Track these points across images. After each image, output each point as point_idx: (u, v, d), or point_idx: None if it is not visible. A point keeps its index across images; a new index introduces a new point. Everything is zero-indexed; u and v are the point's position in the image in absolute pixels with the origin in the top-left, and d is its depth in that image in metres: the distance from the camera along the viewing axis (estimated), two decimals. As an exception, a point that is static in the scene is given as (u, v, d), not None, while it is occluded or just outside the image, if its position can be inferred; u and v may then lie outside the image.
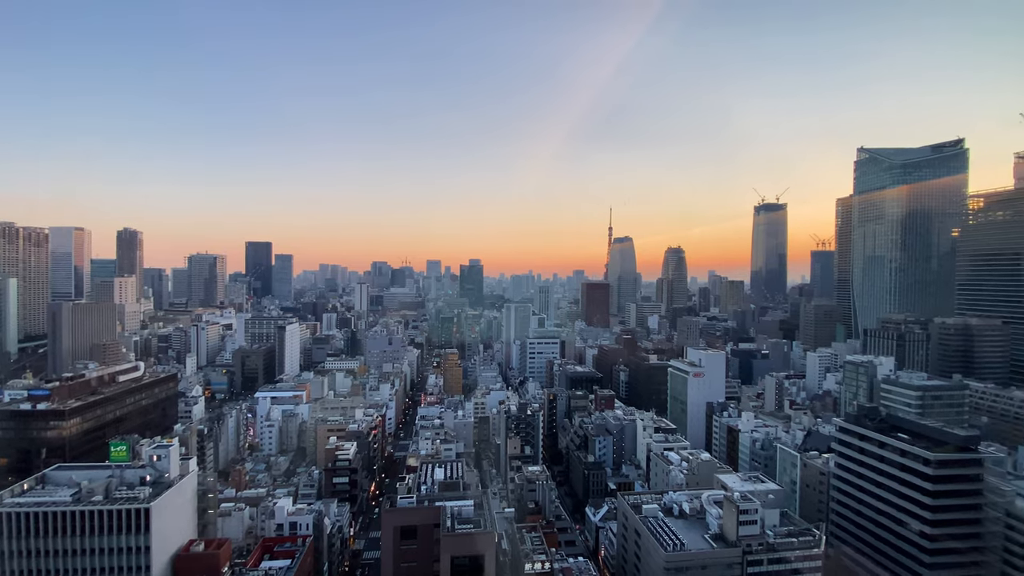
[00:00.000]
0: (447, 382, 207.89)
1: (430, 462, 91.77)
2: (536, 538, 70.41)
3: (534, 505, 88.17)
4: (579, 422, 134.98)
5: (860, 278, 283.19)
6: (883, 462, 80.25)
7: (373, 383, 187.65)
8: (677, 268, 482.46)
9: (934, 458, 73.07)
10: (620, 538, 77.75)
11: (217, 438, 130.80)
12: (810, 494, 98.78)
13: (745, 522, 65.18)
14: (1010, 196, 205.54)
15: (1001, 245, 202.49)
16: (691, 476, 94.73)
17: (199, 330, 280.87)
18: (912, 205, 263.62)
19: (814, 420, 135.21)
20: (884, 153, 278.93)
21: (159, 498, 61.30)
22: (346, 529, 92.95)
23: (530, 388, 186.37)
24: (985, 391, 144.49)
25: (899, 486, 76.97)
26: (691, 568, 63.17)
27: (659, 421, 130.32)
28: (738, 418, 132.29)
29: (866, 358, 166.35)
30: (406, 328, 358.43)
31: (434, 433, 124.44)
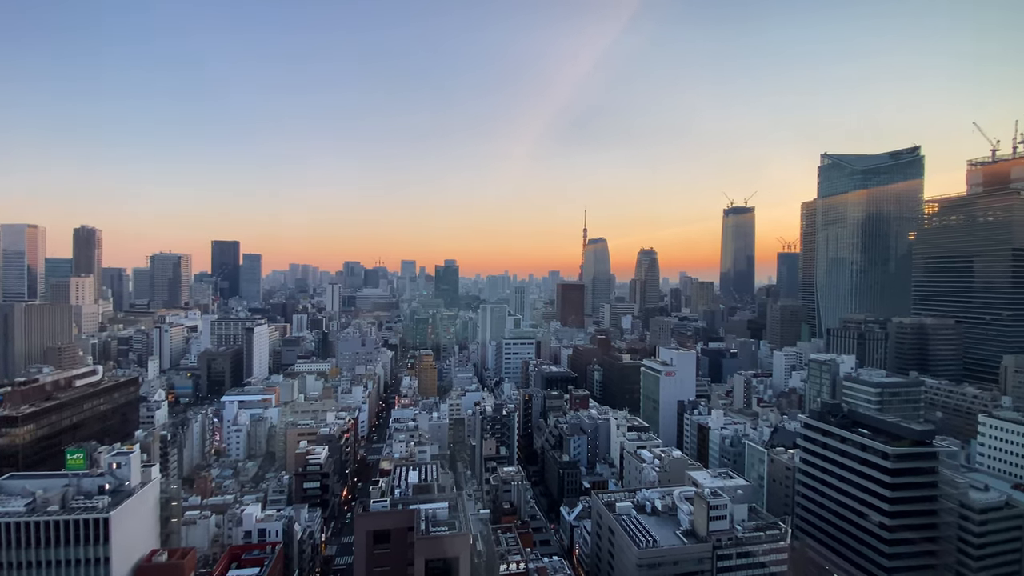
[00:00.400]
0: (422, 384, 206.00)
1: (404, 465, 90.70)
2: (511, 539, 70.42)
3: (509, 506, 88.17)
4: (554, 422, 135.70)
5: (823, 279, 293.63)
6: (845, 456, 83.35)
7: (345, 386, 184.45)
8: (650, 269, 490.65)
9: (892, 452, 76.27)
10: (594, 536, 78.48)
11: (181, 444, 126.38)
12: (777, 489, 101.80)
13: (715, 517, 66.64)
14: (962, 201, 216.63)
15: (954, 248, 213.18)
16: (663, 473, 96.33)
17: (162, 332, 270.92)
18: (871, 209, 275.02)
19: (780, 417, 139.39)
20: (846, 159, 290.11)
21: (119, 507, 58.87)
22: (317, 535, 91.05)
23: (506, 389, 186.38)
24: (939, 387, 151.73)
25: (860, 479, 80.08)
26: (663, 564, 64.20)
27: (632, 420, 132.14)
28: (708, 416, 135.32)
29: (829, 357, 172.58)
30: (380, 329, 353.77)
31: (408, 435, 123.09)
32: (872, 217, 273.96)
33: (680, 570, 64.42)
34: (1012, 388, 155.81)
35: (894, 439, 78.98)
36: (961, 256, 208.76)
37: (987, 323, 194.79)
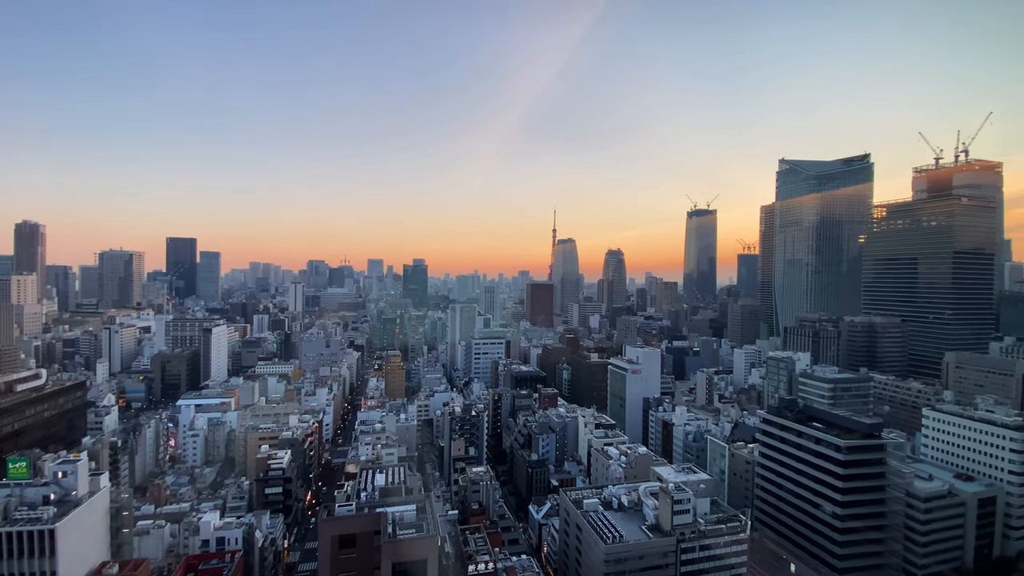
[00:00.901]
0: (389, 385, 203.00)
1: (370, 468, 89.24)
2: (480, 539, 70.26)
3: (478, 506, 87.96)
4: (523, 421, 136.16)
5: (781, 280, 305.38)
6: (800, 450, 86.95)
7: (309, 388, 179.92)
8: (617, 270, 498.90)
9: (844, 444, 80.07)
10: (562, 534, 79.17)
11: (133, 451, 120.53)
12: (737, 482, 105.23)
13: (679, 512, 68.33)
14: (908, 207, 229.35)
15: (900, 251, 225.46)
16: (629, 470, 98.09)
17: (112, 333, 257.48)
18: (825, 213, 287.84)
19: (741, 412, 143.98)
20: (802, 165, 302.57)
21: (66, 518, 56.16)
22: (280, 541, 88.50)
23: (475, 389, 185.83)
24: (887, 382, 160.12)
25: (814, 471, 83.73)
26: (629, 559, 65.36)
27: (600, 417, 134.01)
28: (672, 413, 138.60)
29: (786, 354, 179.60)
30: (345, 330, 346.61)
31: (375, 438, 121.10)
32: (826, 220, 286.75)
33: (645, 564, 65.73)
34: (953, 383, 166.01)
35: (846, 432, 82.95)
36: (907, 258, 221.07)
37: (930, 322, 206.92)
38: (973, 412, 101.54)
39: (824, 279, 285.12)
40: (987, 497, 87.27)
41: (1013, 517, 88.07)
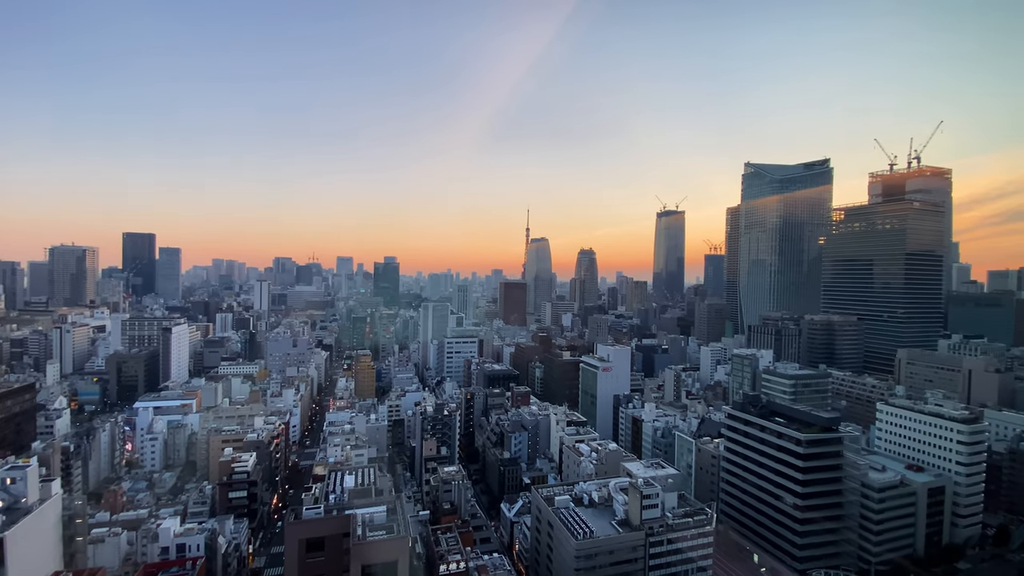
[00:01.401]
0: (359, 385, 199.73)
1: (339, 469, 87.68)
2: (451, 538, 70.00)
3: (450, 505, 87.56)
4: (496, 419, 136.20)
5: (745, 280, 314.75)
6: (763, 444, 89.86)
7: (275, 388, 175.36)
8: (589, 269, 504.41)
9: (804, 438, 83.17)
10: (534, 531, 79.63)
11: (87, 456, 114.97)
12: (704, 476, 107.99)
13: (648, 506, 69.69)
14: (864, 210, 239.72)
15: (857, 252, 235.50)
16: (600, 466, 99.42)
17: (63, 333, 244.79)
18: (787, 215, 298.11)
19: (707, 408, 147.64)
20: (766, 168, 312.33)
21: (15, 526, 53.81)
22: (244, 547, 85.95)
23: (447, 388, 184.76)
24: (844, 378, 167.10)
25: (776, 464, 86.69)
26: (599, 554, 66.29)
27: (571, 415, 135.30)
28: (642, 409, 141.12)
29: (750, 351, 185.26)
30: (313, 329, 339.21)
31: (344, 439, 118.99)
32: (788, 222, 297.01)
33: (615, 559, 66.79)
34: (905, 378, 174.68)
35: (806, 427, 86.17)
36: (863, 259, 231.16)
37: (884, 320, 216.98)
38: (923, 406, 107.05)
39: (786, 279, 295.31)
40: (936, 487, 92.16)
41: (960, 506, 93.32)
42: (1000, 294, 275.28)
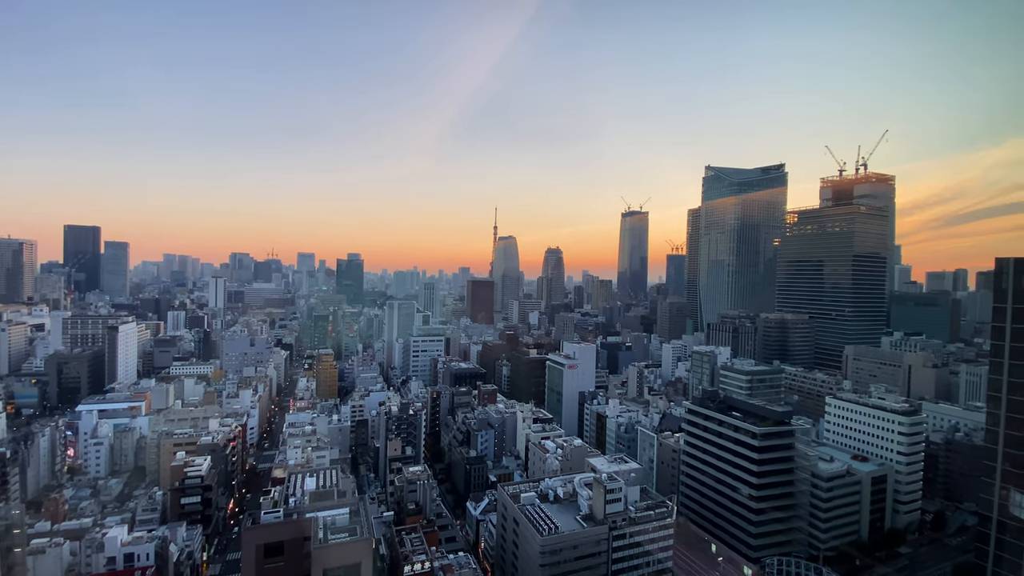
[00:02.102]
0: (320, 385, 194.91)
1: (300, 472, 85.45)
2: (416, 539, 69.29)
3: (415, 506, 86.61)
4: (462, 418, 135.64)
5: (705, 279, 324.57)
6: (721, 437, 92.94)
7: (231, 389, 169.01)
8: (555, 267, 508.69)
9: (759, 431, 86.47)
10: (499, 528, 79.79)
11: (24, 462, 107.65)
12: (665, 470, 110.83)
13: (611, 500, 70.95)
14: (815, 213, 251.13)
15: (808, 253, 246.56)
16: (565, 462, 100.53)
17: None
18: (745, 218, 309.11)
19: (668, 404, 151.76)
20: (725, 172, 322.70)
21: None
22: (198, 554, 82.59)
23: (413, 387, 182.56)
24: (796, 373, 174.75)
25: (733, 457, 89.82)
26: (564, 549, 67.05)
27: (538, 412, 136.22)
28: (606, 405, 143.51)
29: (709, 348, 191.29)
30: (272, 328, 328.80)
31: (305, 441, 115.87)
32: (745, 224, 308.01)
33: (580, 553, 67.70)
34: (852, 373, 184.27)
35: (760, 420, 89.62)
36: (814, 260, 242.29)
37: (833, 318, 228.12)
38: (867, 399, 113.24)
39: (743, 279, 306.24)
40: (879, 476, 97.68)
41: (901, 493, 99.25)
42: (937, 294, 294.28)
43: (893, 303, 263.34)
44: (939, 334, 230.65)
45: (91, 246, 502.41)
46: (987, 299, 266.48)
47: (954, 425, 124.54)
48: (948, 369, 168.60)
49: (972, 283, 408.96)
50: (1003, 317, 57.08)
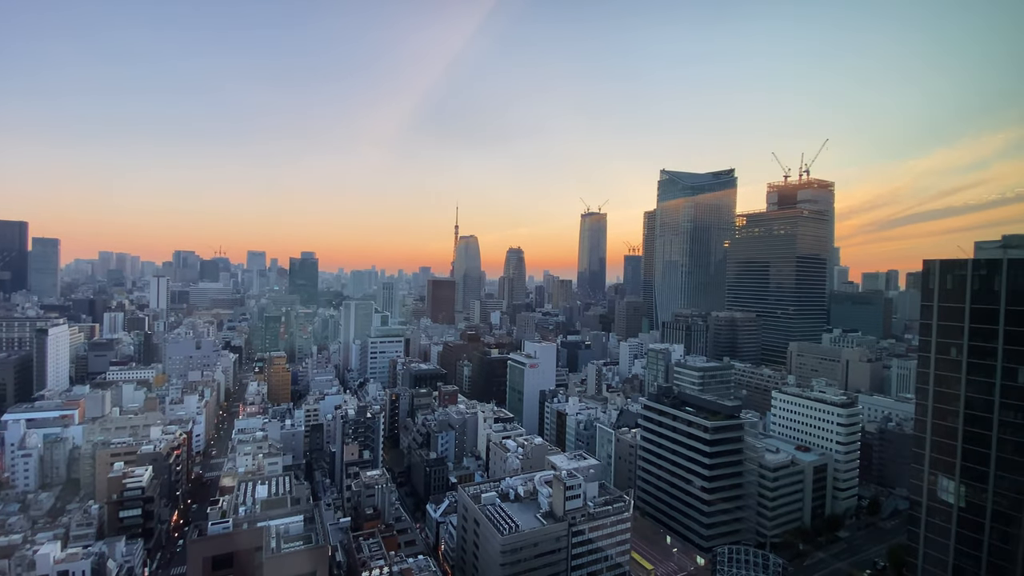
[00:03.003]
0: (272, 389, 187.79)
1: (250, 480, 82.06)
2: (374, 544, 67.87)
3: (372, 510, 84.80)
4: (422, 420, 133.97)
5: (660, 279, 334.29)
6: (675, 432, 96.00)
7: (175, 395, 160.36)
8: (517, 267, 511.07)
9: (711, 425, 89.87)
10: (460, 530, 79.36)
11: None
12: (622, 465, 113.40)
13: (571, 497, 71.93)
14: (762, 217, 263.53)
15: (756, 255, 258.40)
16: (526, 460, 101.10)
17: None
18: (697, 220, 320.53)
19: (626, 400, 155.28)
20: (679, 176, 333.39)
21: None
22: (139, 570, 77.90)
23: (371, 390, 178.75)
24: (744, 369, 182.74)
25: (686, 450, 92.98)
26: (524, 547, 67.44)
27: (499, 411, 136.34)
28: (566, 403, 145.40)
29: (663, 346, 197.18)
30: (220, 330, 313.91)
31: (256, 447, 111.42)
32: (698, 227, 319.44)
33: (540, 550, 68.27)
34: (795, 368, 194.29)
35: (712, 415, 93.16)
36: (761, 261, 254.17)
37: (778, 316, 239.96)
38: (809, 393, 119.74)
39: (696, 279, 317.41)
40: (820, 465, 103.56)
41: (840, 480, 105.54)
42: (871, 294, 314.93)
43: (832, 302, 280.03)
44: (873, 331, 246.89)
45: (17, 242, 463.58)
46: (916, 298, 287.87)
47: (887, 416, 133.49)
48: (881, 363, 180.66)
49: (902, 283, 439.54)
50: (930, 315, 61.64)
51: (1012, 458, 54.08)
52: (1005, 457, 54.55)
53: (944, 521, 59.73)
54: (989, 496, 55.61)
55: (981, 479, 56.27)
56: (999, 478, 54.91)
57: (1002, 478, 54.74)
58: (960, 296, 58.69)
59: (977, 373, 56.87)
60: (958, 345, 58.58)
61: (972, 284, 57.80)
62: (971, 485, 57.17)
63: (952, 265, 60.27)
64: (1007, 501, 54.43)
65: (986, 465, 55.86)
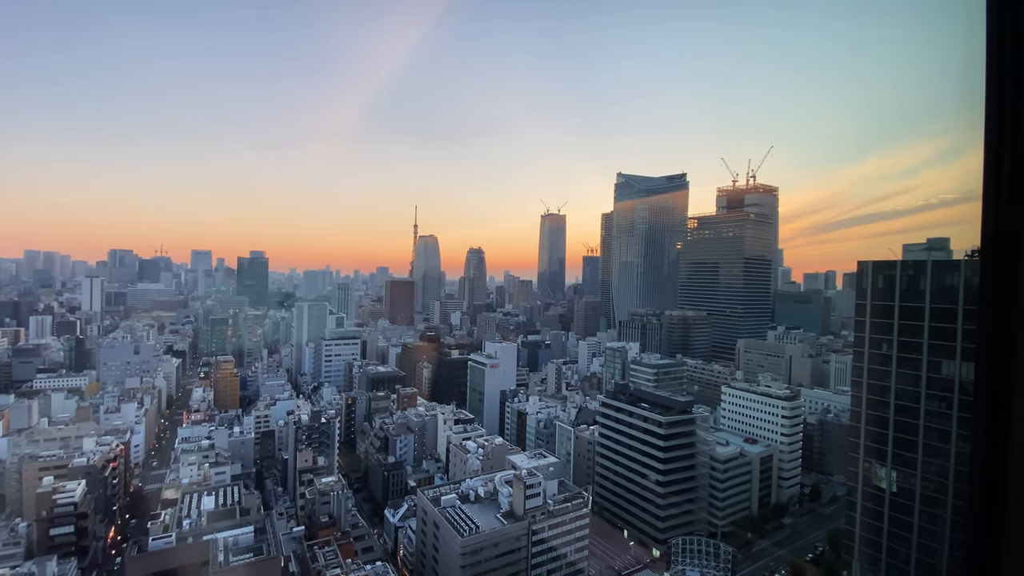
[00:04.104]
0: (219, 395, 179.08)
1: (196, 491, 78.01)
2: (330, 552, 65.93)
3: (328, 518, 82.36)
4: (380, 424, 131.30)
5: (617, 279, 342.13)
6: (632, 427, 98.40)
7: (111, 403, 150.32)
8: (478, 267, 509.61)
9: (665, 420, 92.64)
10: (419, 534, 78.27)
11: None
12: (581, 462, 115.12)
13: (531, 495, 72.33)
14: (712, 220, 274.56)
15: (706, 256, 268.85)
16: (486, 461, 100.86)
17: None
18: (651, 222, 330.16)
19: (584, 398, 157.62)
20: (634, 179, 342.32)
21: None
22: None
23: (325, 394, 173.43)
24: (696, 366, 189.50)
25: (642, 445, 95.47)
26: (485, 548, 67.25)
27: (459, 413, 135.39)
28: (526, 403, 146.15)
29: (620, 344, 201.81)
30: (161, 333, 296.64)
31: (201, 456, 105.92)
32: (652, 229, 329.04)
33: (501, 550, 68.26)
34: (743, 364, 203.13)
35: (666, 410, 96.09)
36: (711, 262, 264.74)
37: (727, 314, 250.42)
38: (756, 387, 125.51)
39: (650, 279, 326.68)
40: (766, 456, 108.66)
41: (784, 470, 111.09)
42: (812, 293, 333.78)
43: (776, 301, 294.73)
44: (814, 328, 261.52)
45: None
46: (852, 297, 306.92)
47: (826, 408, 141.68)
48: (821, 359, 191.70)
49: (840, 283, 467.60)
50: (864, 312, 66.03)
51: (937, 445, 58.62)
52: (931, 444, 59.06)
53: (878, 505, 64.01)
54: (917, 481, 60.08)
55: (910, 465, 60.69)
56: (926, 464, 59.41)
57: (929, 464, 59.25)
58: (890, 295, 63.09)
59: (905, 366, 61.28)
60: (888, 340, 62.95)
61: (901, 284, 62.26)
62: (901, 471, 61.56)
63: (883, 266, 64.74)
64: (933, 485, 58.97)
65: (914, 452, 60.30)
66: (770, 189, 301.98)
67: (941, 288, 58.73)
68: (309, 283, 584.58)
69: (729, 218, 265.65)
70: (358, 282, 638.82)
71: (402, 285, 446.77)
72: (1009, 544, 2.01)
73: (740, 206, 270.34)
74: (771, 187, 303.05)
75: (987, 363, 2.30)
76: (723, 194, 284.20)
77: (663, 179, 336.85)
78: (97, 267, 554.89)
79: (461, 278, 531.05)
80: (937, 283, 59.00)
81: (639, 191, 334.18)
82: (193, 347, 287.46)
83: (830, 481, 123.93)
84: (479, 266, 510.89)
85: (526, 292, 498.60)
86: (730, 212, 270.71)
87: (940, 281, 58.88)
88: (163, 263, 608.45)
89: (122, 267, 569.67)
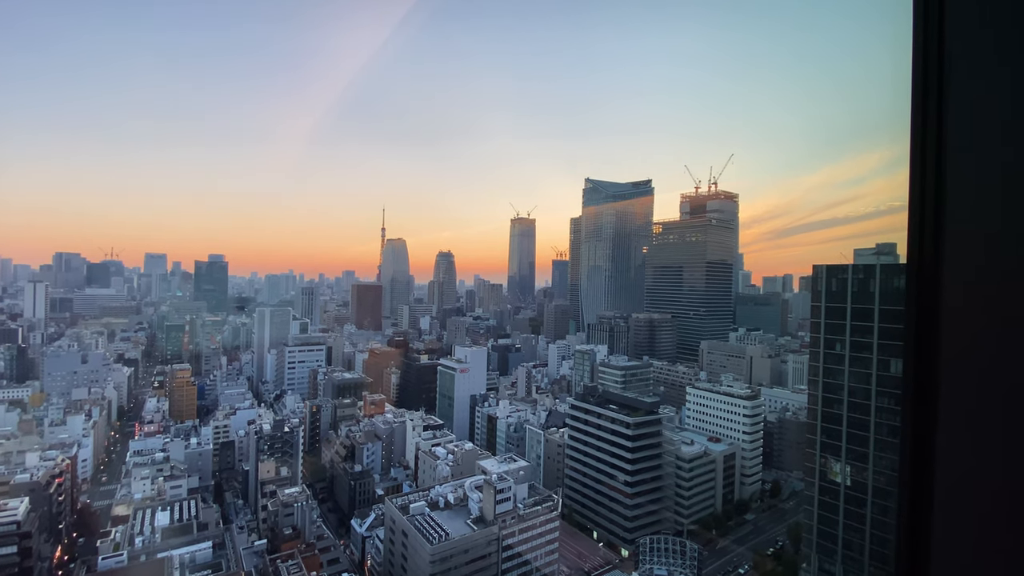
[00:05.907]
0: (175, 405, 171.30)
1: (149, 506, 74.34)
2: (294, 566, 63.99)
3: (292, 530, 79.89)
4: (346, 432, 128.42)
5: (585, 283, 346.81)
6: (600, 429, 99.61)
7: (57, 415, 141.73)
8: (448, 271, 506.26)
9: (632, 421, 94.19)
10: (387, 543, 76.81)
11: None
12: (551, 465, 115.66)
13: (501, 500, 72.12)
14: (676, 225, 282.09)
15: (671, 260, 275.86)
16: (456, 467, 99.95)
17: None
18: (618, 227, 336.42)
19: (554, 401, 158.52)
20: (602, 185, 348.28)
21: None
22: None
23: (288, 402, 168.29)
24: (662, 367, 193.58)
25: (610, 446, 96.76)
26: (455, 555, 66.57)
27: (428, 419, 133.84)
28: (497, 407, 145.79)
29: (589, 347, 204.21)
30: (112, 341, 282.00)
31: (155, 470, 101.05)
32: (619, 233, 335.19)
33: (471, 556, 67.70)
34: (707, 365, 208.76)
35: (633, 411, 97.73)
36: (675, 266, 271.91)
37: (691, 317, 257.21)
38: (719, 387, 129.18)
39: (618, 283, 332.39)
40: (729, 454, 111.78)
41: (747, 467, 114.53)
42: (771, 295, 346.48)
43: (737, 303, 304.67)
44: (773, 329, 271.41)
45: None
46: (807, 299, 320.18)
47: (785, 406, 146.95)
48: (780, 359, 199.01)
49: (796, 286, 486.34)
50: (819, 314, 69.05)
51: (887, 439, 61.71)
52: (882, 439, 62.14)
53: (833, 499, 66.84)
54: (870, 474, 63.05)
55: (863, 459, 63.66)
56: (878, 458, 62.43)
57: (880, 458, 62.28)
58: (843, 297, 66.21)
59: (857, 365, 64.34)
60: (842, 340, 65.99)
61: (852, 287, 65.42)
62: (855, 465, 64.49)
63: (836, 270, 67.90)
64: (884, 478, 61.99)
65: (867, 447, 63.30)
66: (731, 196, 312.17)
67: (889, 291, 62.06)
68: (271, 287, 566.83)
69: (692, 224, 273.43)
70: (323, 286, 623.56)
71: (369, 289, 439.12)
72: (938, 529, 2.23)
73: (703, 212, 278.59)
74: (732, 194, 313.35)
75: (913, 360, 2.39)
76: (686, 200, 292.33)
77: (629, 185, 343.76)
78: (41, 271, 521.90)
79: (430, 282, 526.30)
80: (885, 285, 62.33)
81: (606, 196, 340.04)
82: (147, 355, 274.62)
83: (789, 477, 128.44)
84: (449, 270, 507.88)
85: (496, 296, 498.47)
86: (693, 218, 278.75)
87: (888, 284, 62.22)
88: (114, 267, 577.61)
89: (68, 271, 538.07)
